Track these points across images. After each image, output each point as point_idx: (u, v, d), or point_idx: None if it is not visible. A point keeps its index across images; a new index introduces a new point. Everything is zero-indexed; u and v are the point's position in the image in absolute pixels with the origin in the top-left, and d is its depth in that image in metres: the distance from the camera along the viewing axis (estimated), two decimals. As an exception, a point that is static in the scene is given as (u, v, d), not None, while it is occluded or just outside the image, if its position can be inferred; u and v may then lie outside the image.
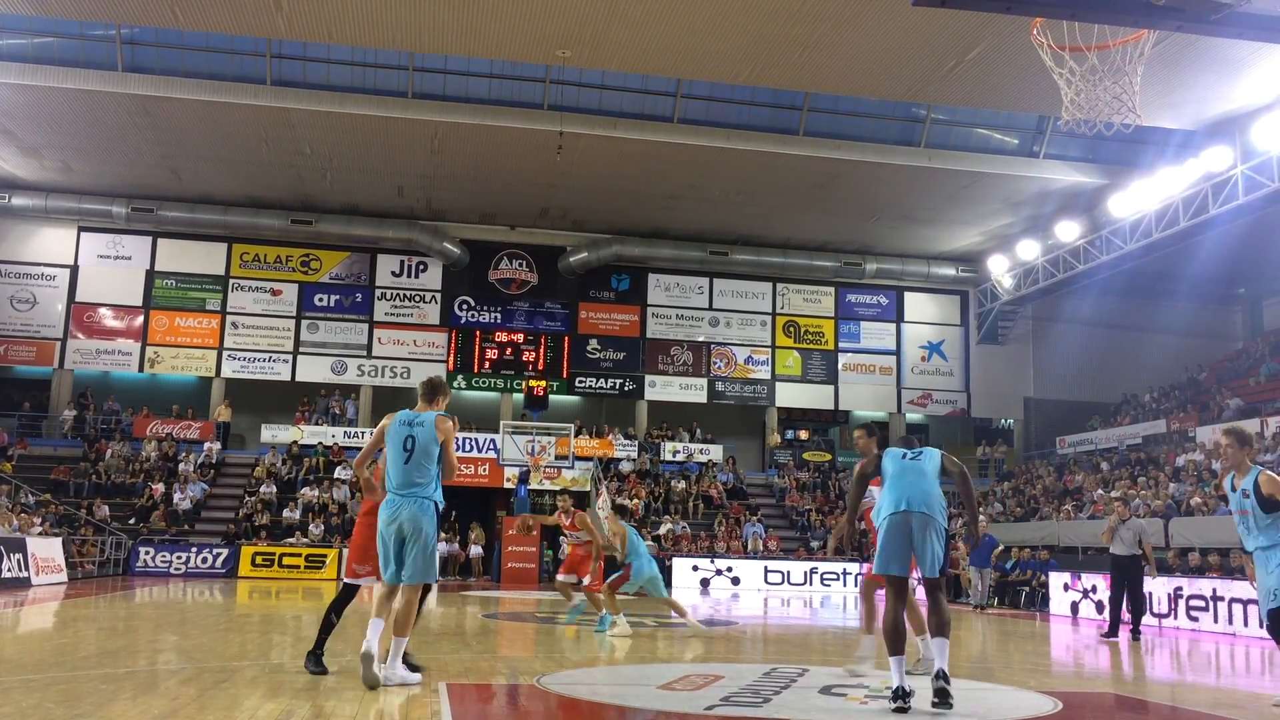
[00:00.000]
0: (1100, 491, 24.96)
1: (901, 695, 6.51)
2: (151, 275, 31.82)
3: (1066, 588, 19.55)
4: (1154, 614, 17.03)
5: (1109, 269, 29.31)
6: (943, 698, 6.50)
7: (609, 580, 12.28)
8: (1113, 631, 14.44)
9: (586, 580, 12.97)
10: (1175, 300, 32.56)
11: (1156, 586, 17.28)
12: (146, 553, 24.56)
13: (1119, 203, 27.09)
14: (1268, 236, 27.09)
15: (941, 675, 6.60)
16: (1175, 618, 16.93)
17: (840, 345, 35.23)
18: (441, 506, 7.21)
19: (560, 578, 13.61)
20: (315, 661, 7.62)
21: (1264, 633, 14.86)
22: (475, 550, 28.21)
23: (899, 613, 6.80)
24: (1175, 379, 33.18)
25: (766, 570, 26.57)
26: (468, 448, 28.82)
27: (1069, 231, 29.23)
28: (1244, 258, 29.71)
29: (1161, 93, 21.06)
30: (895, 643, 6.68)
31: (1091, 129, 15.16)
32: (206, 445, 29.80)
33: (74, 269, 31.39)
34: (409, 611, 7.03)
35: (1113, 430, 31.27)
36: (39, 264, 31.16)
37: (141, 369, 31.45)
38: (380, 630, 7.08)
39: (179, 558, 24.59)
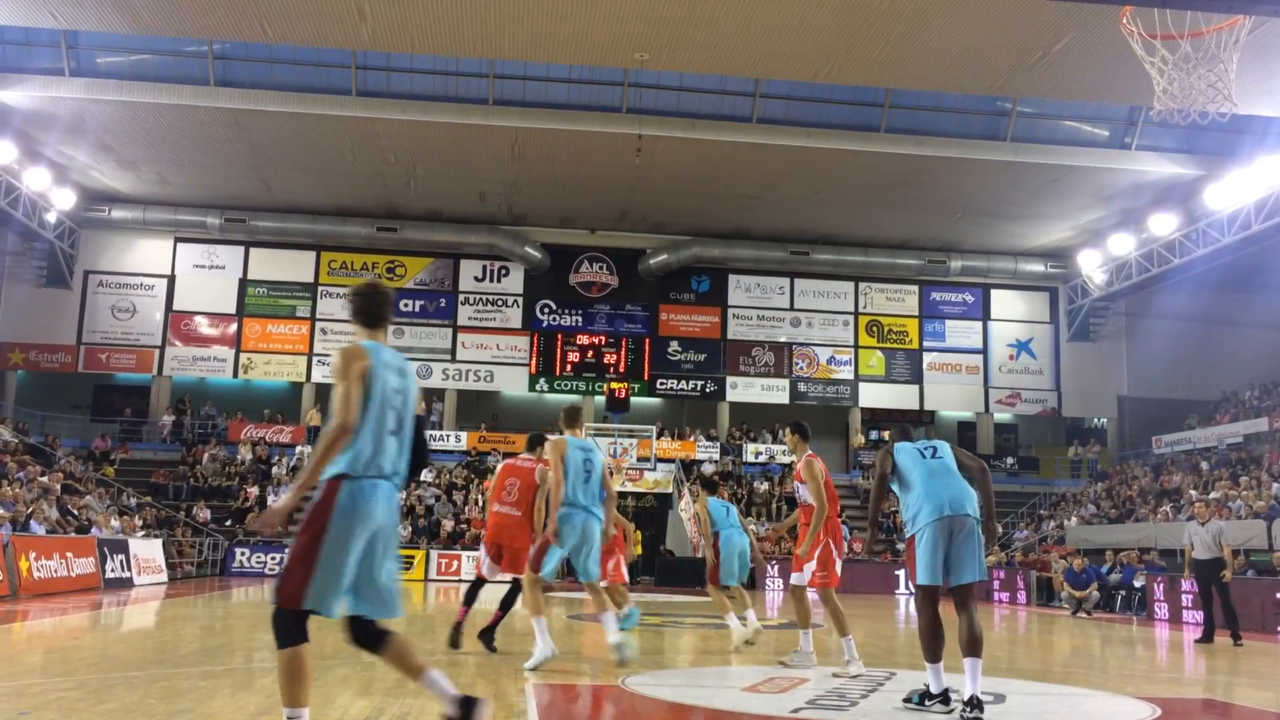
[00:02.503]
0: (1193, 493, 24.17)
1: (946, 699, 6.43)
2: (244, 284, 32.73)
3: (1164, 591, 18.96)
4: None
5: (1205, 262, 28.34)
6: None
7: (709, 573, 10.99)
8: (1207, 637, 13.94)
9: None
10: (1275, 294, 31.35)
11: (1261, 590, 16.67)
12: (242, 553, 25.23)
13: (1216, 194, 26.19)
14: (1375, 226, 25.95)
15: (975, 703, 6.14)
16: (1281, 623, 16.27)
17: (925, 344, 34.67)
18: None
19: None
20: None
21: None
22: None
23: (938, 617, 6.49)
24: (1277, 375, 31.97)
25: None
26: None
27: (1164, 224, 28.39)
28: (1349, 249, 28.51)
29: (1259, 80, 20.28)
30: (938, 648, 6.46)
31: (1186, 119, 14.72)
32: (298, 449, 30.51)
33: (171, 278, 32.43)
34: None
35: (1212, 429, 30.23)
36: (138, 274, 32.26)
37: (235, 375, 32.36)
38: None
39: (274, 558, 25.16)
